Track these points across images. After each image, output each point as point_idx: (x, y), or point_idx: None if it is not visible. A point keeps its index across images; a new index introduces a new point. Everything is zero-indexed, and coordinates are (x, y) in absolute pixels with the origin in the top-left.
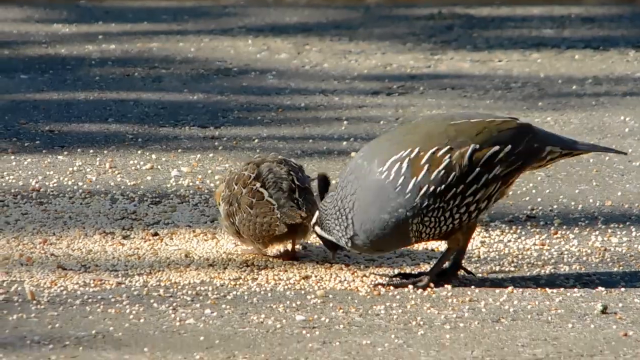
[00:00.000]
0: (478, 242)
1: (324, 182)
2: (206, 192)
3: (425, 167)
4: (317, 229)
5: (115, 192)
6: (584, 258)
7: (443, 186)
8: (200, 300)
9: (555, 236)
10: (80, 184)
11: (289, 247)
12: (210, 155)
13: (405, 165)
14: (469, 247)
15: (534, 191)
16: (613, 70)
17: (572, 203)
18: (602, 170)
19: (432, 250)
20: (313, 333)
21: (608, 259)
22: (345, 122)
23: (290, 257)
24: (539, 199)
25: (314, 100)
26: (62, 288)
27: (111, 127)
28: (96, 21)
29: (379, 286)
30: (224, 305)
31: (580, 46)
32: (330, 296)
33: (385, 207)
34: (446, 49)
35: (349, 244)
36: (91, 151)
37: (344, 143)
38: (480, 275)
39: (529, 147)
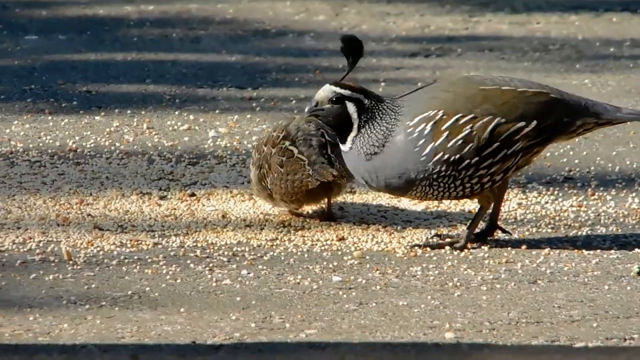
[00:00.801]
0: (515, 204)
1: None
2: (244, 153)
3: (445, 133)
4: (353, 109)
5: (152, 152)
6: (621, 220)
7: (458, 155)
8: (237, 260)
9: (592, 198)
10: (117, 144)
11: (325, 206)
12: (248, 116)
13: (428, 127)
14: (506, 208)
15: (571, 153)
16: None
17: (609, 165)
18: (639, 132)
19: (470, 211)
20: (349, 294)
21: None
22: (382, 84)
23: (326, 217)
24: (576, 161)
25: None
26: (98, 248)
27: (149, 88)
28: None
29: (416, 247)
30: (260, 266)
31: (618, 9)
32: (367, 257)
33: (404, 159)
34: (484, 10)
35: (362, 151)
36: (129, 112)
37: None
38: (517, 236)
39: (557, 122)
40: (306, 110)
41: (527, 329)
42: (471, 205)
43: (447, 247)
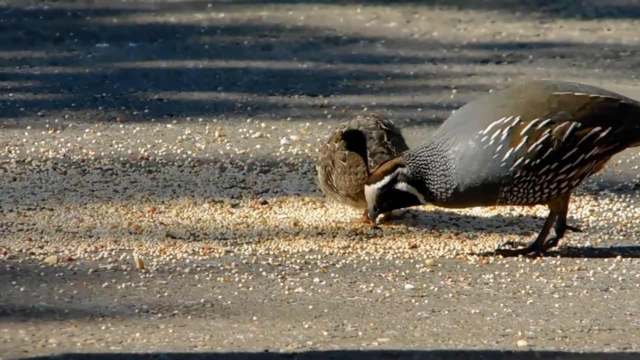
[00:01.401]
0: (587, 211)
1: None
2: (315, 161)
3: (524, 138)
4: (403, 185)
5: (224, 160)
6: None
7: (538, 160)
8: (309, 268)
9: None
10: (189, 152)
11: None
12: (319, 123)
13: (505, 133)
14: (579, 215)
15: None
16: None
17: None
18: None
19: (542, 218)
20: (422, 302)
21: None
22: (454, 91)
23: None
24: None
25: (423, 68)
26: (170, 257)
27: (220, 96)
28: None
29: (488, 255)
30: (332, 274)
31: None
32: (439, 265)
33: (481, 169)
34: (555, 17)
35: (443, 197)
36: (200, 119)
37: (453, 112)
38: (589, 244)
39: (629, 129)
40: (373, 218)
41: (600, 337)
42: (543, 212)
43: (520, 255)
